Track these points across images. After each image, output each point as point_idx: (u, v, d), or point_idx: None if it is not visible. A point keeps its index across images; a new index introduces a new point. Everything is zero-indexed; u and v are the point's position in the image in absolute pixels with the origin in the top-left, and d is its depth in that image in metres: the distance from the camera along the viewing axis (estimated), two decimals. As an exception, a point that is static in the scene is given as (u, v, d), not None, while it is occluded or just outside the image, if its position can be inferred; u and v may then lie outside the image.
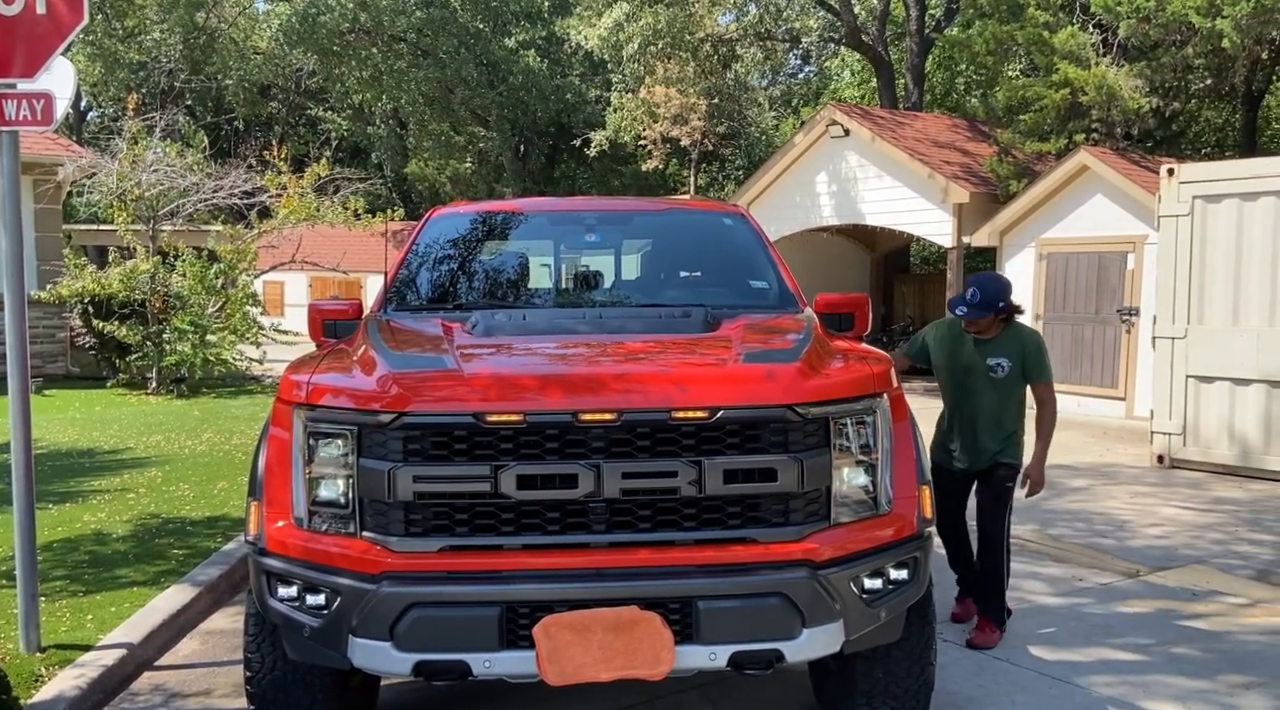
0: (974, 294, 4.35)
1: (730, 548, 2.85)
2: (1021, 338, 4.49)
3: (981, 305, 4.36)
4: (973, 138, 16.00)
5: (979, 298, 4.35)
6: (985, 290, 4.35)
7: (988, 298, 4.35)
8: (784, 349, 3.17)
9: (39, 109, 3.93)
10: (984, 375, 4.46)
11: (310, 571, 2.94)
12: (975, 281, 4.42)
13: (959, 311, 4.40)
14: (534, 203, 5.07)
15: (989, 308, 4.37)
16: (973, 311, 4.37)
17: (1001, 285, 4.45)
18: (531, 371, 3.06)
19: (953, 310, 4.45)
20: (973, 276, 4.52)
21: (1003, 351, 4.46)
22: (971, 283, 4.43)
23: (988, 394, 4.47)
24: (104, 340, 13.17)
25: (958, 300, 4.42)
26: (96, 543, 5.75)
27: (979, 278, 4.47)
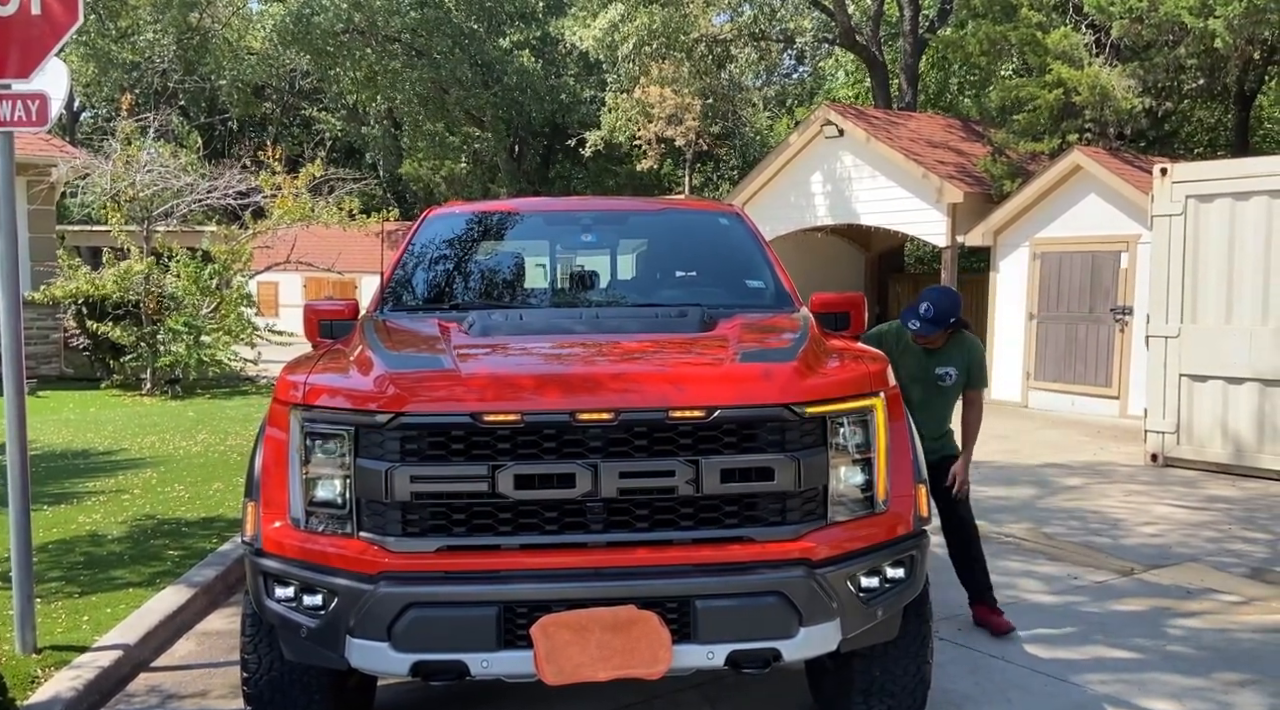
0: (927, 309, 4.43)
1: (727, 547, 2.86)
2: (966, 347, 4.62)
3: (934, 321, 4.45)
4: (967, 138, 16.04)
5: (932, 313, 4.43)
6: (938, 306, 4.44)
7: (940, 314, 4.44)
8: (781, 348, 3.18)
9: (34, 109, 3.92)
10: (933, 383, 4.59)
11: (307, 572, 2.94)
12: (928, 297, 4.48)
13: (912, 326, 4.47)
14: (530, 203, 5.07)
15: (940, 324, 4.47)
16: (925, 327, 4.46)
17: (953, 300, 4.54)
18: (528, 371, 3.07)
19: (905, 324, 4.52)
20: (925, 291, 4.57)
21: (950, 361, 4.59)
22: (924, 298, 4.49)
23: (935, 400, 4.61)
24: (98, 341, 13.14)
25: (910, 314, 4.49)
26: (92, 544, 5.74)
27: (931, 293, 4.52)
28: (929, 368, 4.58)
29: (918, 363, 4.57)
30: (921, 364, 4.58)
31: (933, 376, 4.59)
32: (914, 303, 4.51)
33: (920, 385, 4.55)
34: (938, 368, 4.58)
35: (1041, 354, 13.03)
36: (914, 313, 4.45)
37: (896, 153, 14.35)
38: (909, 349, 4.58)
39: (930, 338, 4.50)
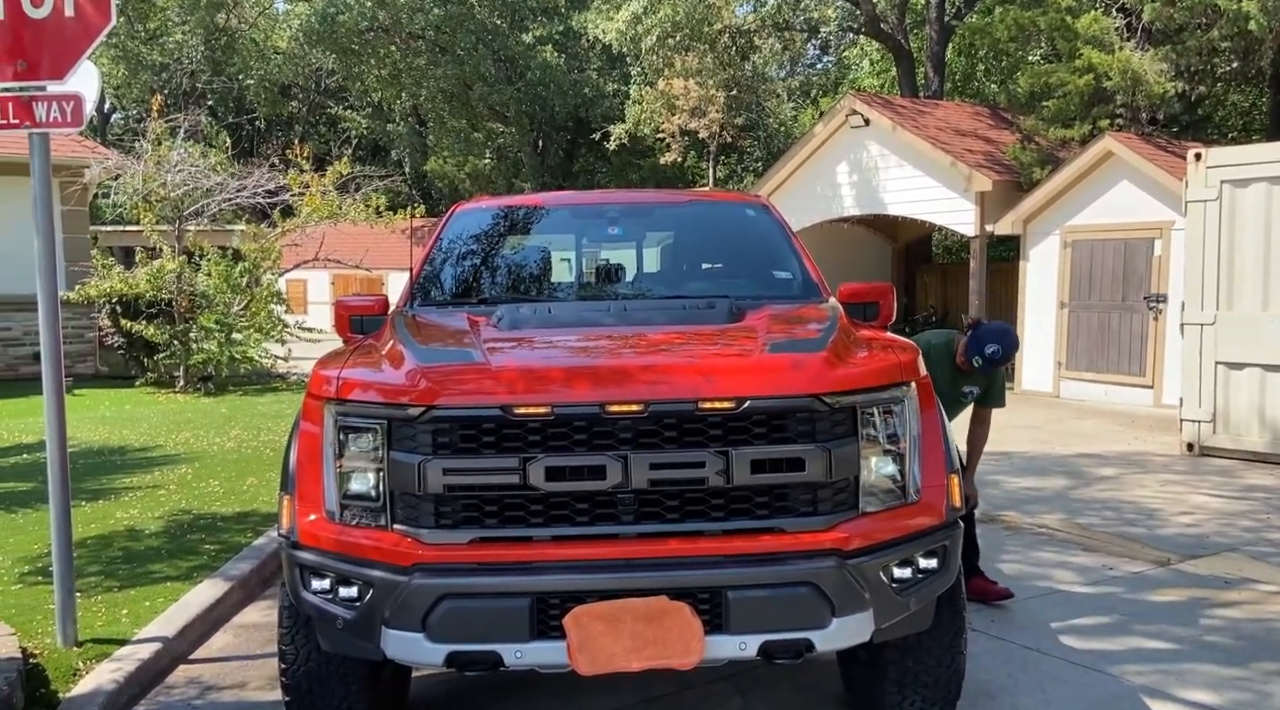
0: (995, 352, 4.55)
1: (759, 538, 2.86)
2: (994, 370, 4.77)
3: (998, 363, 4.61)
4: (995, 125, 15.86)
5: (999, 356, 4.57)
6: (1007, 351, 4.58)
7: (1006, 356, 4.60)
8: (810, 338, 3.17)
9: (69, 111, 3.99)
10: (955, 398, 4.75)
11: (343, 564, 2.97)
12: (998, 341, 4.57)
13: (975, 363, 4.59)
14: (556, 196, 5.08)
15: (1001, 364, 4.66)
16: (986, 366, 4.61)
17: (1016, 343, 4.70)
18: (558, 364, 3.08)
19: (968, 359, 4.62)
20: (991, 331, 4.64)
21: (976, 381, 4.78)
22: (993, 339, 4.57)
23: (951, 411, 4.74)
24: (132, 339, 13.33)
25: (975, 350, 4.59)
26: (130, 539, 5.83)
27: (1000, 337, 4.60)
28: (957, 384, 4.75)
29: (948, 379, 4.70)
30: (952, 380, 4.73)
31: (958, 393, 4.76)
32: (978, 336, 4.60)
33: (945, 399, 4.63)
34: (965, 386, 4.76)
35: (1073, 343, 12.88)
36: (980, 351, 4.57)
37: (923, 141, 14.22)
38: (943, 364, 4.70)
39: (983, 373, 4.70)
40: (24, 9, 3.91)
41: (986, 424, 4.97)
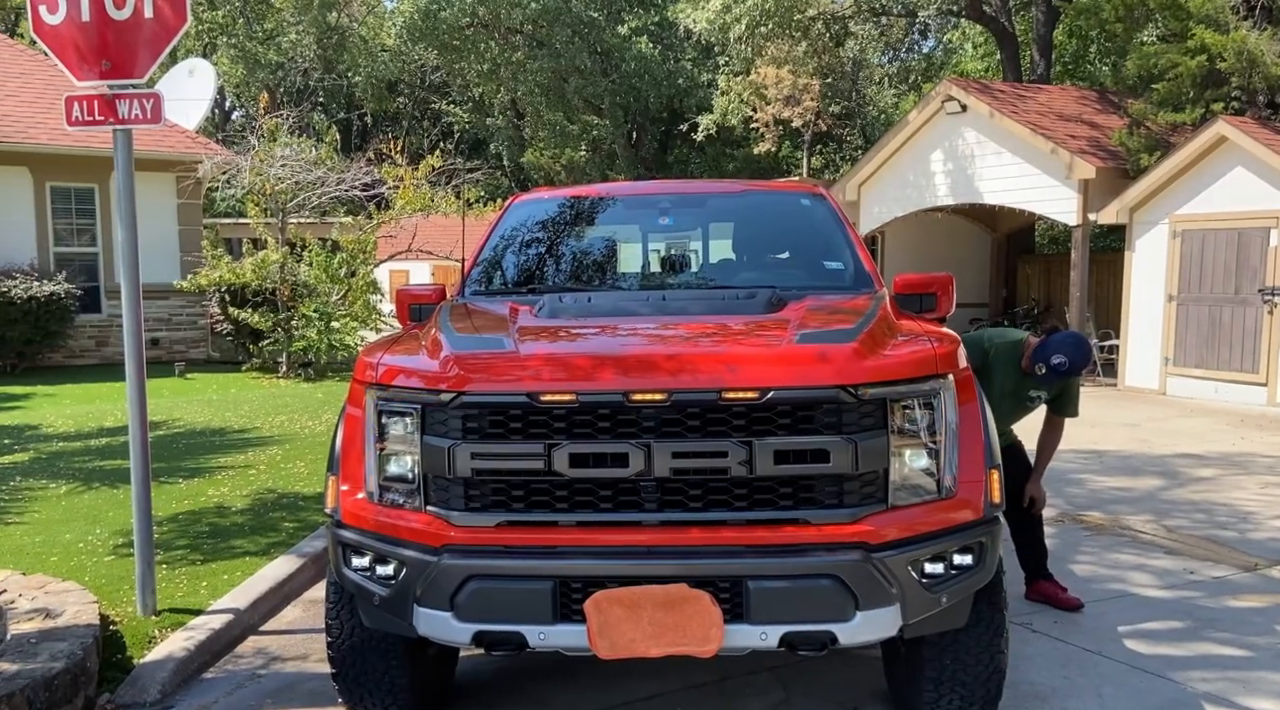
0: (1061, 363, 4.34)
1: (782, 528, 2.83)
2: (1067, 379, 4.55)
3: (1064, 374, 4.39)
4: (1102, 109, 15.16)
5: (1065, 368, 4.36)
6: (1074, 364, 4.36)
7: (1073, 369, 4.38)
8: (841, 329, 3.11)
9: (149, 108, 4.22)
10: (1021, 401, 4.58)
11: (380, 543, 3.08)
12: (1064, 351, 4.35)
13: (1038, 370, 4.39)
14: (612, 187, 5.10)
15: (1067, 377, 4.44)
16: (1050, 376, 4.40)
17: (1087, 357, 4.46)
18: (584, 352, 3.11)
19: (1032, 364, 4.43)
20: (1063, 344, 4.41)
21: (1044, 387, 4.57)
22: (1059, 349, 4.36)
23: (1016, 413, 4.64)
24: (239, 326, 14.00)
25: (1040, 357, 4.39)
26: (217, 515, 6.15)
27: (1070, 349, 4.37)
28: (1023, 388, 4.57)
29: (1014, 380, 4.54)
30: (1018, 382, 4.55)
31: (1024, 396, 4.59)
32: (1048, 344, 4.41)
33: (1009, 399, 4.55)
34: (1032, 390, 4.58)
35: (1181, 338, 12.24)
36: (1045, 359, 4.38)
37: (1022, 127, 13.71)
38: (1010, 364, 4.53)
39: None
40: (108, 11, 4.14)
41: (1058, 431, 4.79)
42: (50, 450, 8.30)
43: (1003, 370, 4.49)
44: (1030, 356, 4.43)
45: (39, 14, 4.22)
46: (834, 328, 3.14)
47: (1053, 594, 4.62)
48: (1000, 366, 4.50)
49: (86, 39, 4.18)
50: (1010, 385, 4.52)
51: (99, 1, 4.14)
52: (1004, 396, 4.47)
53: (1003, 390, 4.48)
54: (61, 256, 14.33)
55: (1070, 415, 4.69)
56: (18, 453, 8.22)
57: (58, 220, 14.41)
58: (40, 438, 8.89)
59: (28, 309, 12.91)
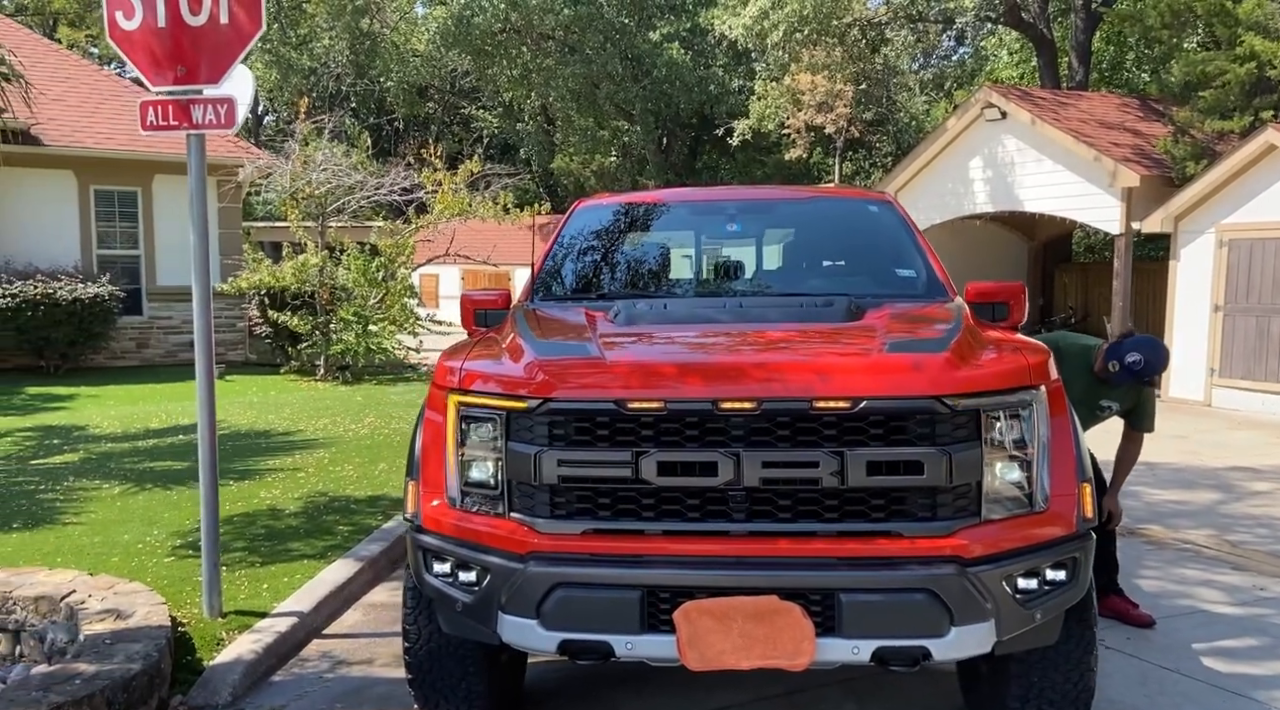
0: (1137, 362, 4.23)
1: (874, 541, 2.80)
2: (1141, 390, 4.45)
3: (1138, 375, 4.27)
4: (1145, 117, 14.99)
5: (1140, 367, 4.24)
6: (1150, 365, 4.25)
7: (1149, 371, 4.27)
8: (932, 338, 3.08)
9: (223, 113, 4.25)
10: (1092, 410, 4.44)
11: (463, 549, 3.07)
12: (1142, 350, 4.25)
13: (1111, 368, 4.28)
14: (676, 193, 5.09)
15: (1142, 379, 4.31)
16: (1123, 375, 4.28)
17: (1165, 360, 4.34)
18: (672, 359, 3.09)
19: (1105, 363, 4.32)
20: (1140, 343, 4.31)
21: (1118, 398, 4.45)
22: (1137, 348, 4.26)
23: (1086, 424, 4.42)
24: (278, 329, 14.11)
25: (1114, 355, 4.29)
26: (271, 517, 6.18)
27: (1146, 347, 4.28)
28: (1095, 396, 4.46)
29: (1086, 388, 4.41)
30: (1090, 390, 4.44)
31: (1096, 405, 4.47)
32: (1120, 343, 4.31)
33: (1080, 409, 4.40)
34: (1104, 400, 4.47)
35: (1228, 349, 12.06)
36: (1119, 356, 4.27)
37: (1065, 134, 13.58)
38: (1080, 372, 4.41)
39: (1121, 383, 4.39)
40: (183, 16, 4.18)
41: (1137, 445, 4.65)
42: (100, 451, 8.39)
43: (1075, 377, 4.39)
44: (1104, 355, 4.31)
45: (114, 19, 4.26)
46: (924, 337, 3.11)
47: (1124, 610, 4.55)
48: (1072, 374, 4.41)
49: (161, 44, 4.22)
50: (1081, 393, 4.40)
51: (175, 7, 4.18)
52: (1075, 405, 4.39)
53: (1075, 398, 4.39)
54: (104, 259, 14.51)
55: (1146, 430, 4.59)
56: (68, 453, 8.31)
57: (101, 223, 14.59)
58: (89, 438, 8.99)
59: (72, 310, 13.07)
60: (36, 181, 13.81)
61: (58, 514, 6.24)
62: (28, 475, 7.39)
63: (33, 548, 5.48)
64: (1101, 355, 4.36)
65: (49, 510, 6.32)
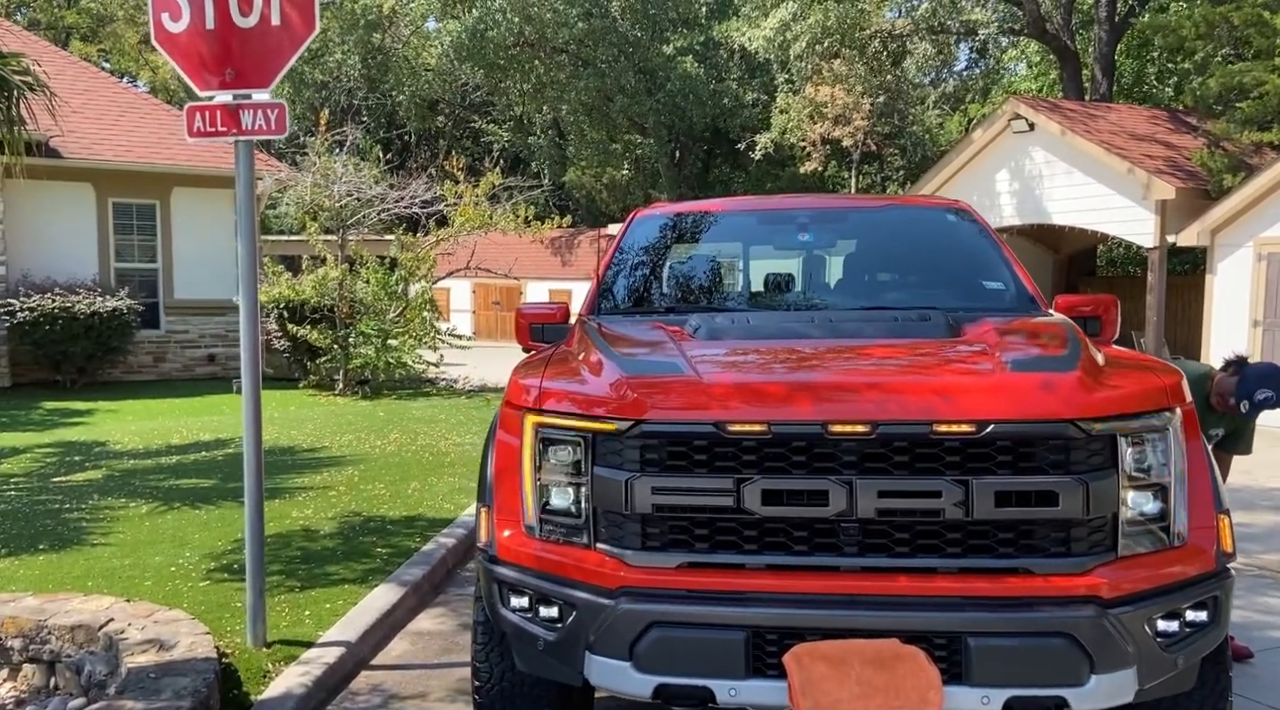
0: (1270, 398, 4.08)
1: (1003, 579, 2.56)
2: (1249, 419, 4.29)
3: (1269, 408, 4.12)
4: (1175, 129, 14.79)
5: (1273, 402, 4.08)
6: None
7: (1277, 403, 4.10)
8: (1056, 356, 2.85)
9: (273, 118, 4.06)
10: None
11: (544, 582, 2.85)
12: (1271, 386, 4.09)
13: (1243, 408, 4.13)
14: (740, 202, 4.87)
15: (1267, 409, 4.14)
16: (1253, 412, 4.15)
17: None
18: (775, 379, 2.87)
19: (1236, 402, 4.15)
20: (1265, 375, 4.14)
21: (1224, 423, 4.34)
22: (1264, 384, 4.10)
23: None
24: (296, 343, 13.91)
25: (1244, 393, 4.12)
26: (306, 539, 5.96)
27: (1275, 382, 4.11)
28: (1205, 425, 4.22)
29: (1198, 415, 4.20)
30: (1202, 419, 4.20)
31: (1205, 434, 4.21)
32: (1249, 378, 4.14)
33: None
34: (1213, 428, 4.31)
35: (1266, 364, 11.79)
36: (1248, 394, 4.11)
37: (1096, 146, 13.38)
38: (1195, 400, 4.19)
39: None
40: (233, 18, 4.00)
41: (1226, 465, 4.50)
42: (123, 468, 8.18)
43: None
44: (1231, 392, 4.12)
45: (160, 21, 4.08)
46: (1047, 354, 2.88)
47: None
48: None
49: (210, 47, 4.03)
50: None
51: (224, 8, 3.99)
52: None
53: None
54: (121, 272, 14.35)
55: (1245, 453, 4.37)
56: (90, 470, 8.11)
57: (119, 236, 14.45)
58: (111, 455, 8.79)
59: (90, 324, 12.91)
60: (55, 194, 13.67)
61: (85, 535, 6.03)
62: (51, 493, 7.18)
63: (62, 571, 5.26)
64: (1229, 391, 4.16)
65: (76, 531, 6.11)
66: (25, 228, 13.57)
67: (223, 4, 3.98)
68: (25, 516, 6.46)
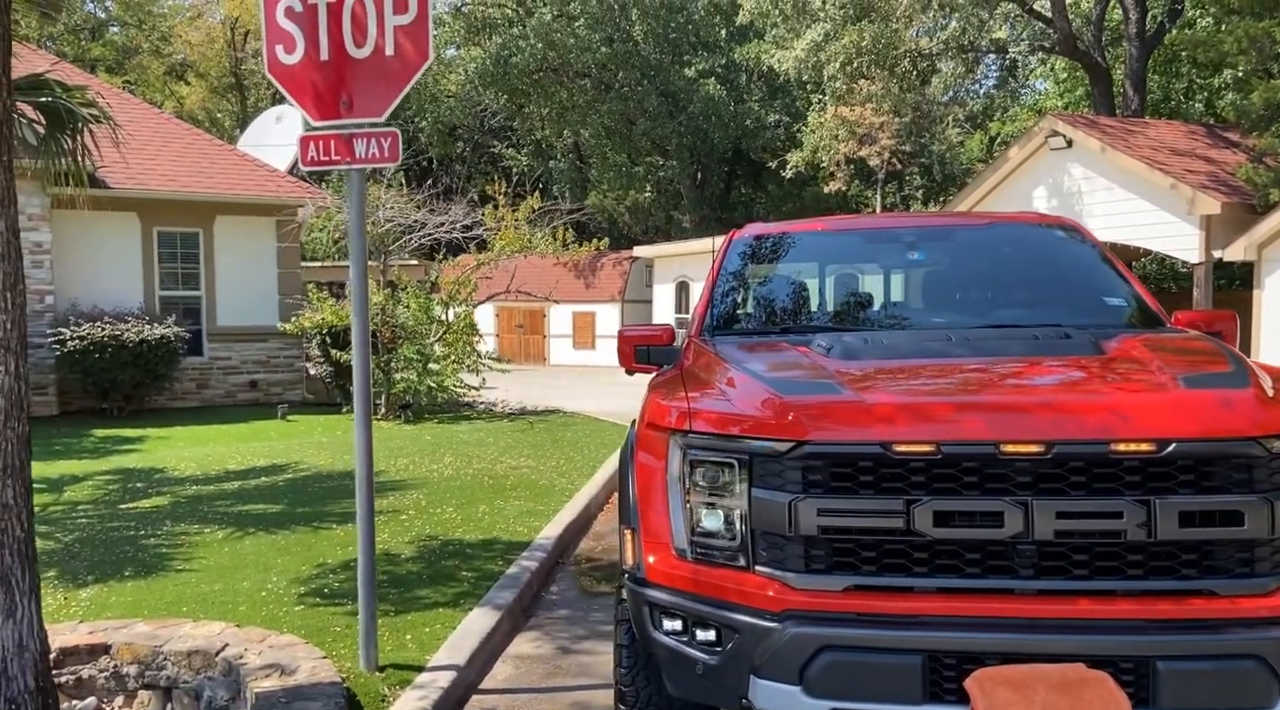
0: None
1: (1187, 601, 2.53)
2: None
3: None
4: (1214, 144, 14.75)
5: None
6: None
7: None
8: (1227, 373, 2.82)
9: (386, 146, 4.09)
10: None
11: (700, 606, 2.82)
12: None
13: None
14: (841, 222, 4.87)
15: None
16: None
17: None
18: (941, 398, 2.85)
19: None
20: None
21: None
22: None
23: None
24: (339, 368, 13.97)
25: None
26: (389, 563, 5.95)
27: None
28: None
29: None
30: None
31: None
32: None
33: None
34: None
35: (1319, 379, 11.68)
36: None
37: (1138, 162, 13.35)
38: None
39: None
40: (347, 49, 4.04)
41: None
42: (186, 494, 8.21)
43: None
44: None
45: (275, 54, 4.13)
46: (1215, 371, 2.85)
47: None
48: None
49: (325, 78, 4.08)
50: None
51: (338, 40, 4.04)
52: None
53: None
54: (166, 300, 14.48)
55: None
56: (155, 496, 8.13)
57: (163, 264, 14.58)
58: (171, 481, 8.82)
59: (138, 352, 13.01)
60: (102, 224, 13.82)
61: (167, 561, 6.04)
62: (122, 520, 7.21)
63: (154, 597, 5.27)
64: None
65: (158, 556, 6.13)
66: (73, 258, 13.72)
67: (337, 35, 4.03)
68: (103, 543, 6.48)
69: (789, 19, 17.29)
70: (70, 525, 7.02)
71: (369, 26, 3.99)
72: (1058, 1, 16.95)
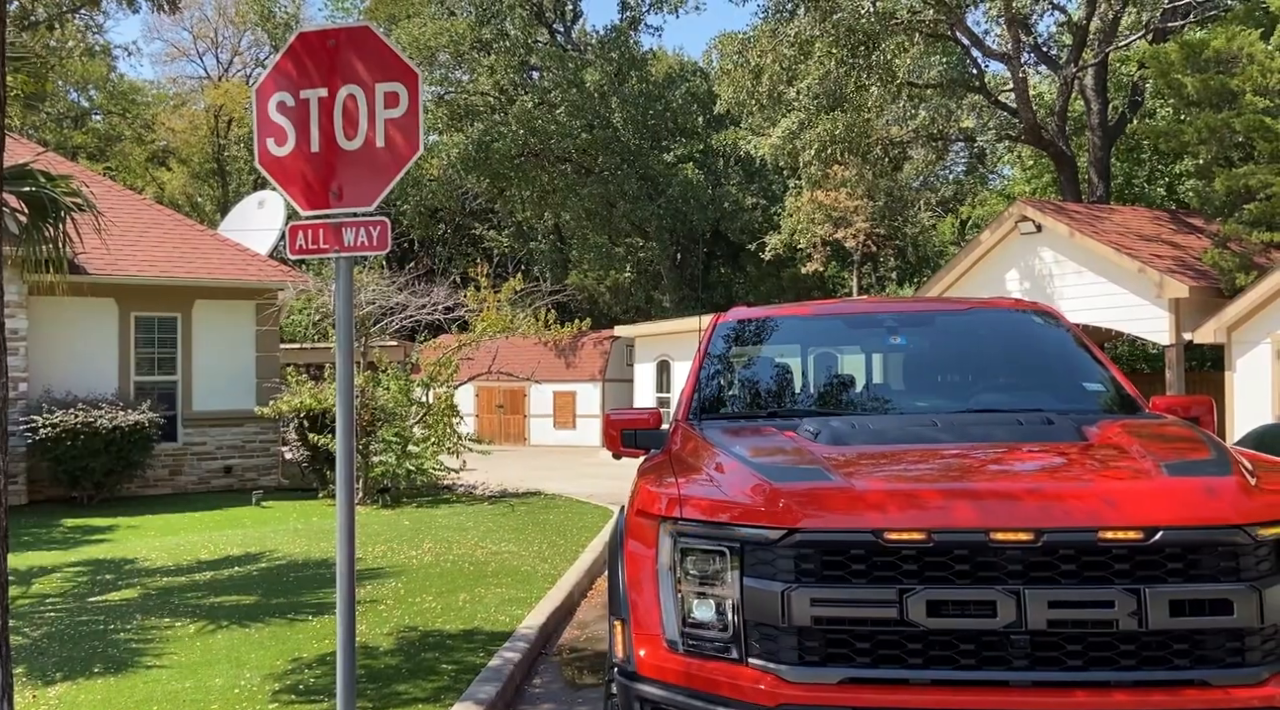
0: None
1: (1181, 691, 2.51)
2: None
3: None
4: (1179, 230, 15.19)
5: None
6: None
7: None
8: (1208, 460, 2.86)
9: (374, 235, 4.13)
10: None
11: (694, 700, 2.77)
12: None
13: None
14: (824, 306, 4.94)
15: None
16: None
17: None
18: (931, 485, 2.86)
19: None
20: None
21: None
22: None
23: None
24: (316, 452, 13.81)
25: None
26: (367, 656, 5.79)
27: None
28: None
29: None
30: None
31: None
32: None
33: None
34: None
35: (1293, 458, 11.81)
36: None
37: (1106, 247, 13.70)
38: None
39: None
40: (338, 141, 4.11)
41: None
42: (158, 586, 8.00)
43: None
44: None
45: (265, 147, 4.20)
46: (1198, 458, 2.89)
47: None
48: None
49: (315, 169, 4.14)
50: None
51: (329, 132, 4.12)
52: None
53: None
54: (141, 385, 14.33)
55: None
56: (125, 588, 7.92)
57: (140, 349, 14.48)
58: (142, 572, 8.60)
59: (111, 438, 12.81)
60: (78, 310, 13.76)
61: (137, 656, 5.85)
62: (91, 614, 7.00)
63: (124, 695, 5.10)
64: None
65: (128, 652, 5.94)
66: (48, 344, 13.61)
67: (328, 128, 4.11)
68: (71, 638, 6.28)
69: (765, 108, 17.87)
70: (38, 619, 6.81)
71: (360, 120, 4.07)
72: (1022, 93, 17.62)
